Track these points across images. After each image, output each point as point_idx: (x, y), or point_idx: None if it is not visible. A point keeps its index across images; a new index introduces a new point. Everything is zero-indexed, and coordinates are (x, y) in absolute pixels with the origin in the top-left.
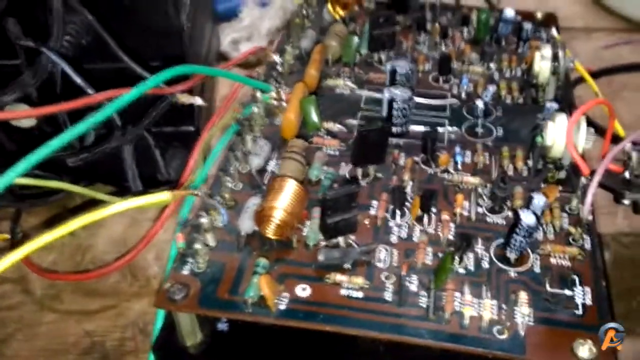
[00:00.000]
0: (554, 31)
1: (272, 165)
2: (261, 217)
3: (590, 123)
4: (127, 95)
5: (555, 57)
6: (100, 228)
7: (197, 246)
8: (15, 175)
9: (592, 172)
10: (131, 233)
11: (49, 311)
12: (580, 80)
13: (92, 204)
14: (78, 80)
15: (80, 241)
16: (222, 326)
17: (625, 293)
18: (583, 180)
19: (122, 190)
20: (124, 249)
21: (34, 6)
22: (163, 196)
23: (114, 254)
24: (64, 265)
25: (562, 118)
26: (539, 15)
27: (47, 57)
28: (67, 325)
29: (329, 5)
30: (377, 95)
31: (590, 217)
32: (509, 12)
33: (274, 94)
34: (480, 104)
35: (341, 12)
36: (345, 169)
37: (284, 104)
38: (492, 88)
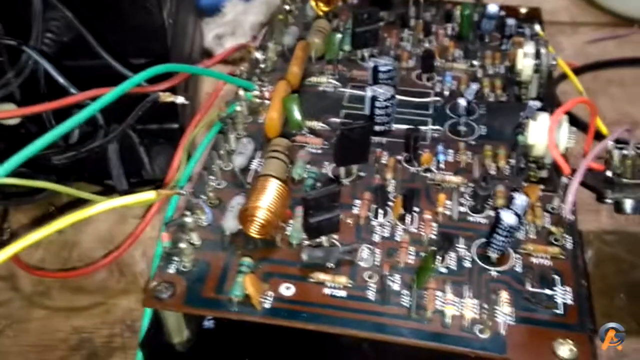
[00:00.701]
0: (537, 27)
1: (255, 164)
2: (245, 216)
3: (575, 120)
4: (109, 95)
5: (537, 55)
6: (87, 225)
7: (183, 245)
8: (1, 175)
9: (574, 171)
10: (117, 230)
11: (38, 308)
12: (565, 76)
13: (79, 201)
14: (60, 79)
15: (67, 238)
16: (208, 324)
17: (607, 291)
18: (564, 179)
19: (107, 189)
20: (111, 245)
21: (14, 3)
22: (148, 195)
23: (100, 251)
24: (52, 261)
25: (543, 117)
26: (523, 10)
27: (29, 56)
28: (56, 321)
29: (312, 1)
30: (360, 93)
31: (571, 217)
32: (492, 8)
33: (257, 92)
34: (462, 102)
35: (324, 8)
36: (328, 168)
37: (267, 102)
38: (475, 86)
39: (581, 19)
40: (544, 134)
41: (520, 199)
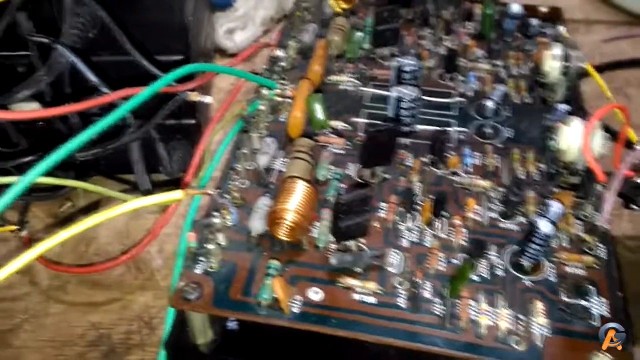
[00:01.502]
0: (562, 29)
1: (278, 164)
2: (273, 219)
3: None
4: (141, 95)
5: (566, 57)
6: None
7: (211, 246)
8: (36, 175)
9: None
10: (134, 225)
11: (55, 302)
12: (584, 75)
13: (96, 196)
14: (92, 77)
15: (84, 233)
16: (232, 324)
17: (630, 298)
18: (599, 186)
19: (122, 182)
20: (127, 240)
21: (43, 1)
22: (175, 195)
23: (117, 245)
24: (68, 256)
25: (577, 122)
26: (544, 9)
27: (59, 53)
28: (73, 316)
29: None
30: (383, 92)
31: (607, 226)
32: (515, 7)
33: (278, 91)
34: (490, 104)
35: (344, 5)
36: (352, 169)
37: (288, 100)
38: (502, 87)
39: (595, 17)
40: (577, 139)
41: (556, 207)
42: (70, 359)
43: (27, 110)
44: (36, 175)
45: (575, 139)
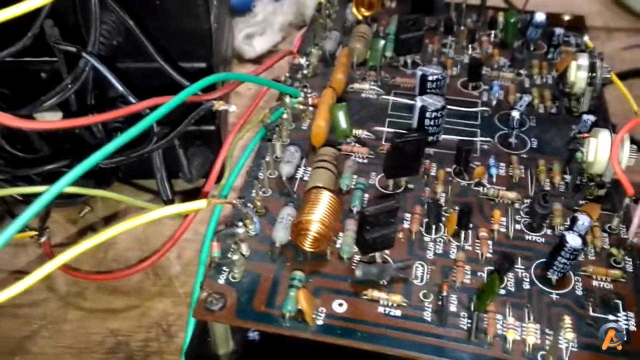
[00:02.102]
0: (586, 38)
1: (301, 172)
2: (298, 230)
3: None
4: (168, 104)
5: (592, 68)
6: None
7: (234, 257)
8: (64, 185)
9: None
10: (152, 231)
11: (73, 309)
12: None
13: (114, 202)
14: (119, 86)
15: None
16: (253, 335)
17: None
18: (627, 200)
19: (141, 190)
20: (145, 246)
21: (67, 8)
22: (200, 204)
23: (135, 251)
24: (87, 262)
25: (605, 134)
26: (567, 17)
27: (86, 62)
28: (91, 323)
29: (353, 6)
30: (407, 102)
31: (635, 240)
32: (540, 16)
33: (301, 99)
34: (516, 114)
35: (366, 13)
36: (375, 178)
37: (310, 108)
38: (527, 97)
39: (615, 25)
40: (606, 151)
41: (583, 220)
42: None
43: (53, 120)
44: (64, 185)
45: (603, 151)
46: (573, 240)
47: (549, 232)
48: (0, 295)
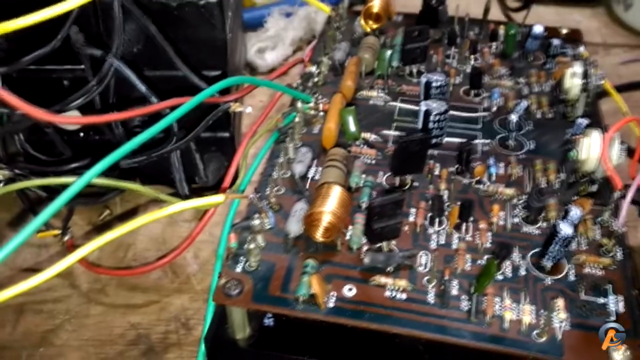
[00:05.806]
0: (582, 49)
1: (312, 172)
2: (311, 221)
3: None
4: (187, 104)
5: (585, 75)
6: (141, 227)
7: (251, 246)
8: (88, 179)
9: (625, 186)
10: (169, 232)
11: (95, 304)
12: (603, 94)
13: (132, 205)
14: (143, 88)
15: (122, 239)
16: (269, 321)
17: None
18: (616, 194)
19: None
20: (164, 247)
21: (89, 17)
22: (218, 198)
23: (154, 252)
24: (107, 261)
25: (596, 134)
26: (564, 31)
27: (110, 65)
28: (112, 317)
29: (362, 19)
30: (412, 107)
31: (624, 230)
32: (538, 29)
33: (312, 104)
34: (514, 118)
35: (374, 25)
36: (382, 177)
37: (321, 113)
38: (524, 103)
39: (613, 41)
40: (597, 150)
41: (575, 211)
42: (110, 357)
43: (75, 116)
44: (88, 178)
45: (594, 149)
46: (566, 228)
47: (544, 224)
48: (27, 283)
